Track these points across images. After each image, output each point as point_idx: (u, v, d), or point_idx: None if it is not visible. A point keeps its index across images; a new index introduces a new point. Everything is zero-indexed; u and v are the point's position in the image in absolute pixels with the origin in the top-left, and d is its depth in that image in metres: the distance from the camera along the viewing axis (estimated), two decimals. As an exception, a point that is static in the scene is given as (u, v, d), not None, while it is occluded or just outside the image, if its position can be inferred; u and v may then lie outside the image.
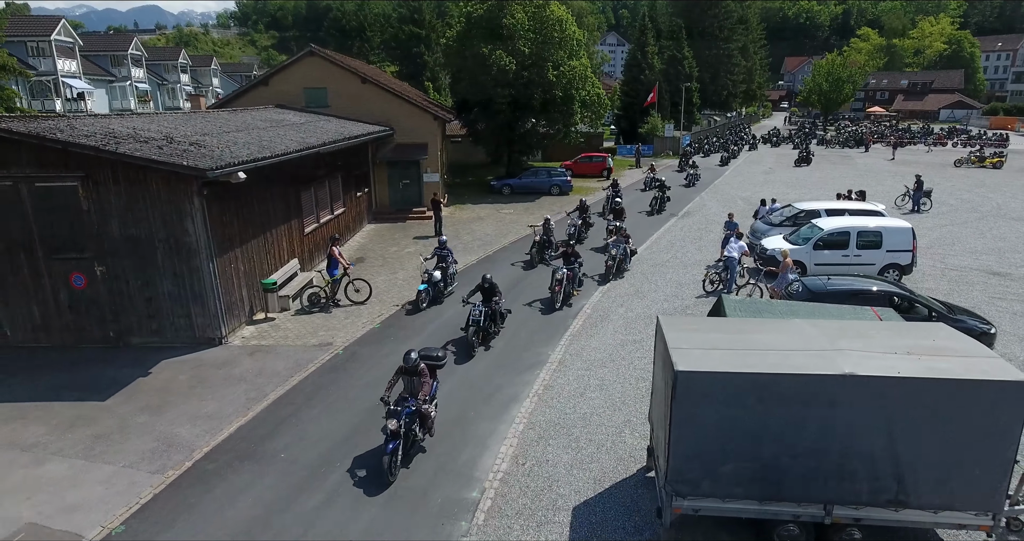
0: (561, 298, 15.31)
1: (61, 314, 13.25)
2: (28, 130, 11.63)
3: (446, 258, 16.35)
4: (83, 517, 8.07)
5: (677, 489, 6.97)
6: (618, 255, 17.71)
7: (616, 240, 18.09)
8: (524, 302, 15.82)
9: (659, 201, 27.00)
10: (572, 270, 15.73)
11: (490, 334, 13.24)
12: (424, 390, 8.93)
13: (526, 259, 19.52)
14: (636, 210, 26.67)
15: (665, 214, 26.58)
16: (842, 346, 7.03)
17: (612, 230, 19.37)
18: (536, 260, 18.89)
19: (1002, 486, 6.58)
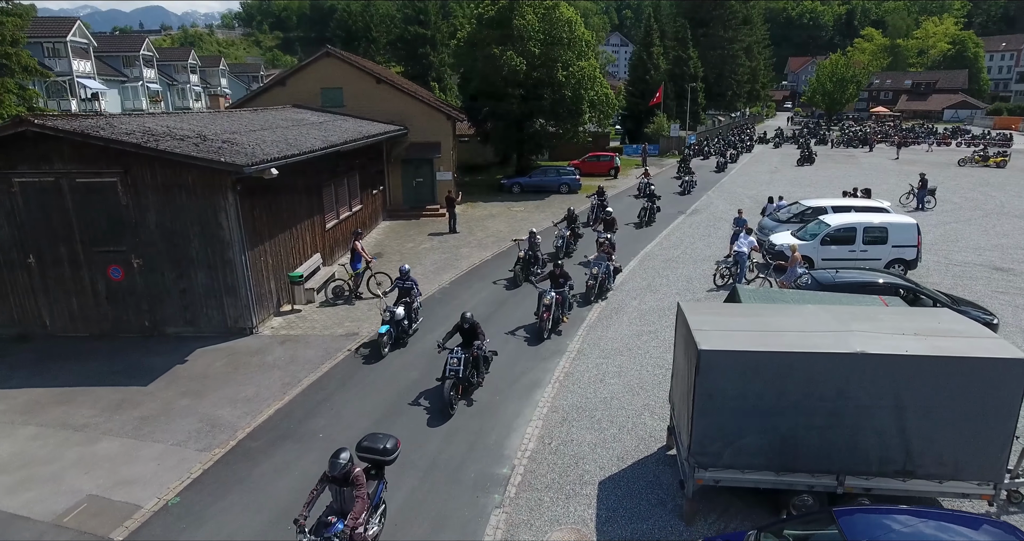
0: (550, 326, 13.56)
1: (99, 304, 13.82)
2: (72, 128, 12.19)
3: (410, 291, 13.59)
4: (139, 490, 8.62)
5: (699, 461, 7.48)
6: (600, 274, 15.79)
7: (598, 257, 16.32)
8: (507, 330, 14.08)
9: (648, 212, 24.68)
10: (561, 294, 13.97)
11: (472, 385, 10.97)
12: (358, 507, 6.50)
13: (509, 277, 17.68)
14: (623, 221, 24.01)
15: (655, 226, 24.32)
16: (853, 327, 7.54)
17: (601, 243, 17.64)
18: (521, 278, 17.03)
19: (1003, 457, 7.08)
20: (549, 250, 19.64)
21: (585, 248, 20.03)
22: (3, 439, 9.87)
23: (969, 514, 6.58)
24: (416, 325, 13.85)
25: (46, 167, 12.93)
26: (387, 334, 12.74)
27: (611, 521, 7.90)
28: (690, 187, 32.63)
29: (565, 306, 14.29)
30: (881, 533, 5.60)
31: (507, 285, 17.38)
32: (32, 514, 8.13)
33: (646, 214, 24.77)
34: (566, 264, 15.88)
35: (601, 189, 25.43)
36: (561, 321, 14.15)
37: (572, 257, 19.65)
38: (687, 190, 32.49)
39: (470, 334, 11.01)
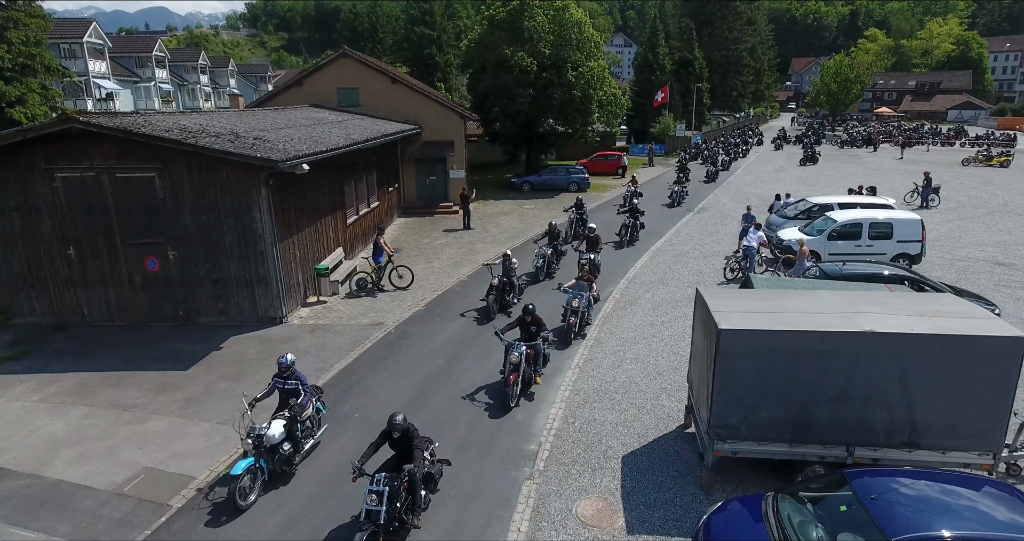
0: (518, 391, 10.59)
1: (135, 295, 14.43)
2: (116, 125, 12.80)
3: (296, 392, 8.99)
4: (191, 463, 9.22)
5: (718, 433, 8.04)
6: (581, 307, 13.19)
7: (577, 285, 13.73)
8: (465, 393, 11.03)
9: (630, 230, 21.67)
10: (534, 347, 10.97)
11: (402, 527, 7.47)
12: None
13: (480, 307, 15.32)
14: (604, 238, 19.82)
15: (638, 247, 21.42)
16: (862, 309, 8.10)
17: (582, 265, 16.00)
18: (494, 310, 14.63)
19: (1001, 429, 7.62)
20: (528, 269, 17.73)
21: (569, 267, 17.76)
22: (58, 417, 10.47)
23: (971, 475, 7.10)
24: (315, 438, 9.33)
25: (87, 163, 13.55)
26: (250, 472, 8.07)
27: (635, 490, 8.46)
28: (680, 198, 29.07)
29: (538, 362, 11.17)
30: (890, 491, 6.15)
31: (477, 318, 14.77)
32: (94, 484, 8.72)
33: (627, 233, 21.56)
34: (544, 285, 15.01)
35: (580, 201, 22.69)
36: (534, 381, 11.15)
37: (554, 277, 17.56)
38: (676, 201, 28.87)
39: (406, 446, 7.53)
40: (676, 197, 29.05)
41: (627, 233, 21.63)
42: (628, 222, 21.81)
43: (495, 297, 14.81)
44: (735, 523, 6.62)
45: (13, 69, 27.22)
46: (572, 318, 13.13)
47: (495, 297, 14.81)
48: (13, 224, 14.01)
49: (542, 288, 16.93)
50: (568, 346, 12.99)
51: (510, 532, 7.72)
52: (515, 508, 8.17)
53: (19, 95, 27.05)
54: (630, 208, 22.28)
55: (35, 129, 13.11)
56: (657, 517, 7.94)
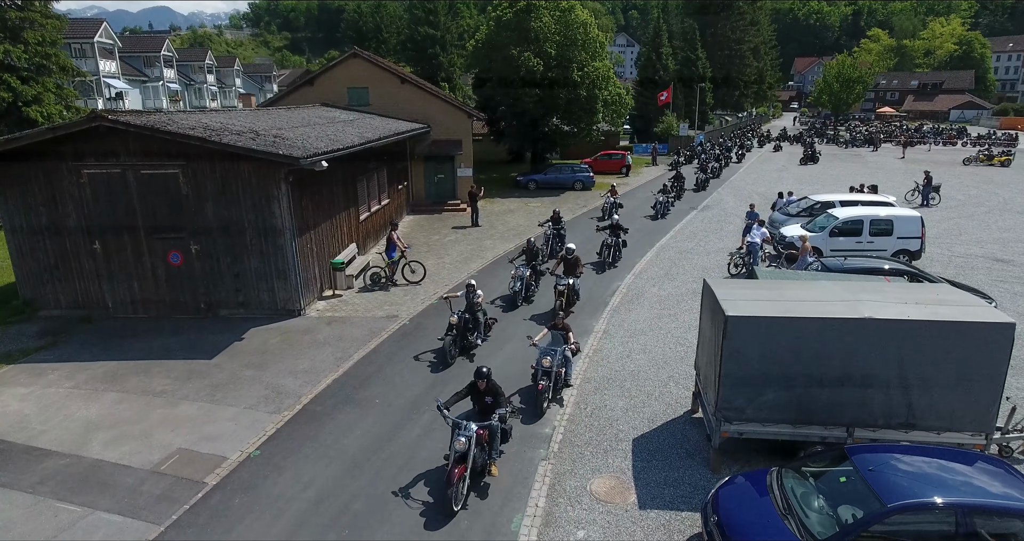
0: (463, 490, 8.01)
1: (158, 288, 14.90)
2: (142, 123, 13.27)
3: None
4: (222, 444, 9.68)
5: (725, 415, 8.49)
6: (554, 367, 10.40)
7: (552, 337, 11.05)
8: (398, 485, 8.50)
9: (612, 250, 18.91)
10: (488, 428, 8.42)
11: None
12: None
13: (437, 347, 12.73)
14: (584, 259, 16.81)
15: (620, 268, 18.75)
16: (862, 297, 8.54)
17: (560, 294, 14.25)
18: (452, 354, 12.14)
19: (992, 410, 8.05)
20: (504, 293, 15.92)
21: (549, 292, 15.63)
22: (92, 403, 10.95)
23: (963, 450, 7.52)
24: None
25: (113, 160, 14.01)
26: None
27: (646, 470, 8.92)
28: (665, 209, 26.34)
29: (494, 445, 8.57)
30: (887, 464, 6.60)
31: (432, 364, 12.21)
32: (132, 463, 9.19)
33: (609, 253, 18.89)
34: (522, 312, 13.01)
35: (557, 214, 20.47)
36: (488, 471, 8.57)
37: (533, 301, 15.76)
38: (662, 212, 26.18)
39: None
40: (660, 208, 26.24)
41: (609, 253, 18.96)
42: (610, 241, 19.01)
43: (454, 338, 12.13)
44: (742, 496, 7.07)
45: (29, 69, 27.69)
46: (543, 381, 10.31)
47: (454, 338, 12.13)
48: (40, 219, 14.48)
49: (517, 319, 14.63)
50: (540, 417, 10.14)
51: (528, 507, 8.18)
52: (532, 486, 8.62)
53: (35, 94, 27.48)
54: (611, 225, 19.45)
55: (64, 127, 13.58)
56: (667, 494, 8.39)
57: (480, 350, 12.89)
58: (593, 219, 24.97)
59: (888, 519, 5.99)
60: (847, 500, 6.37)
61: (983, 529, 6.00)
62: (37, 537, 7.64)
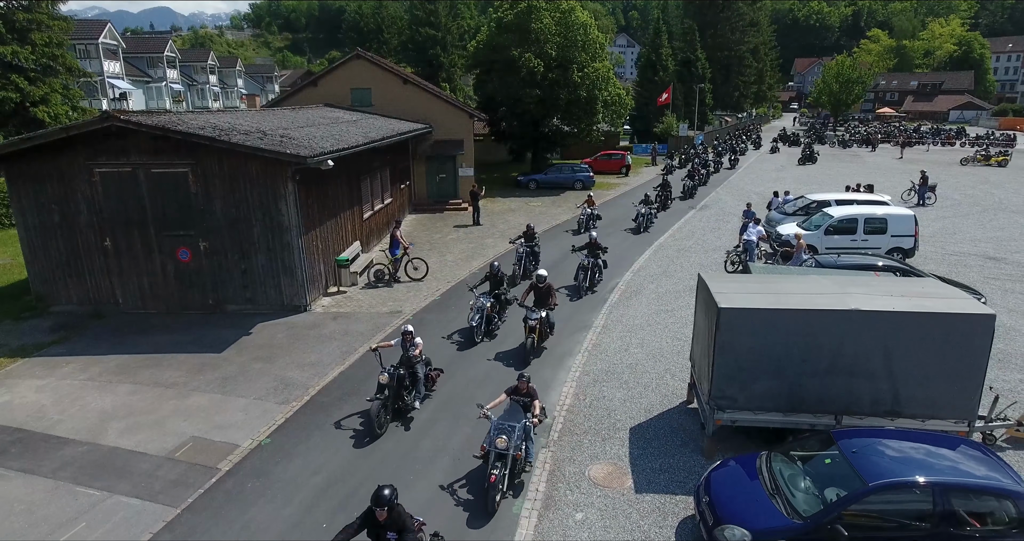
0: None
1: (168, 284, 15.24)
2: (154, 123, 13.63)
3: None
4: (234, 433, 10.03)
5: (719, 404, 8.83)
6: (511, 450, 8.10)
7: (510, 406, 8.76)
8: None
9: (588, 273, 16.58)
10: None
11: None
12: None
13: (367, 407, 10.28)
14: (558, 282, 16.47)
15: (600, 293, 16.69)
16: (850, 290, 8.88)
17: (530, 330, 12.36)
18: (380, 423, 9.72)
19: (975, 399, 8.39)
20: (461, 326, 13.82)
21: (516, 322, 13.56)
22: (106, 394, 11.30)
23: (944, 434, 7.84)
24: None
25: (124, 159, 14.36)
26: None
27: (642, 457, 9.26)
28: (648, 222, 24.10)
29: None
30: (870, 447, 6.94)
31: (356, 434, 9.83)
32: (147, 450, 9.54)
33: (585, 277, 16.54)
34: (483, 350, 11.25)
35: (530, 230, 18.14)
36: None
37: (496, 336, 13.67)
38: (644, 225, 23.89)
39: None
40: (642, 221, 23.83)
41: (586, 277, 16.56)
42: (587, 263, 16.61)
43: (384, 402, 9.77)
44: (732, 478, 7.42)
45: (36, 70, 28.12)
46: (495, 470, 7.97)
47: (384, 402, 9.77)
48: (53, 217, 14.83)
49: (475, 360, 12.47)
50: (490, 518, 7.90)
51: (529, 492, 8.52)
52: (533, 472, 8.96)
53: (42, 95, 27.93)
54: (588, 244, 17.06)
55: (77, 127, 13.94)
56: (663, 479, 8.74)
57: (421, 414, 10.45)
58: (569, 232, 23.26)
59: (869, 497, 6.34)
60: (832, 480, 6.72)
61: (960, 507, 6.34)
62: (60, 518, 7.99)
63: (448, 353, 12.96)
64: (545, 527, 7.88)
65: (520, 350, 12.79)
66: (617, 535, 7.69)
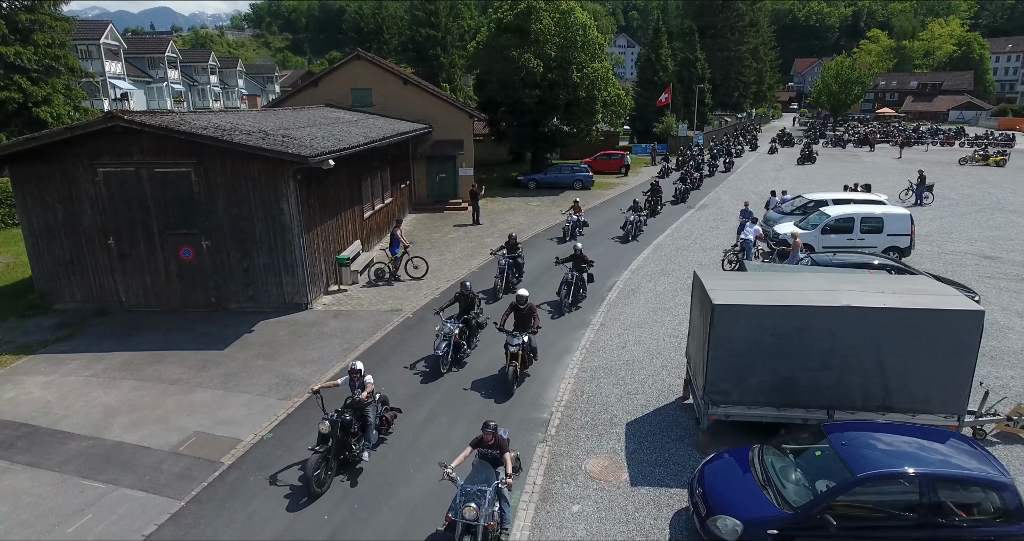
0: None
1: (170, 282, 15.40)
2: (157, 123, 13.79)
3: None
4: (236, 428, 10.19)
5: (713, 399, 8.99)
6: (481, 519, 6.94)
7: (477, 464, 7.76)
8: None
9: (572, 288, 15.29)
10: None
11: None
12: None
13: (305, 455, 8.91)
14: (542, 297, 15.69)
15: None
16: (842, 287, 9.04)
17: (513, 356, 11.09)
18: (316, 483, 8.34)
19: (964, 393, 8.54)
20: (426, 353, 12.49)
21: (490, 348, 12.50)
22: (110, 390, 11.46)
23: (932, 427, 7.98)
24: None
25: (127, 158, 14.52)
26: None
27: (638, 451, 9.42)
28: (637, 230, 22.66)
29: None
30: (859, 439, 7.09)
31: (290, 494, 8.49)
32: (152, 445, 9.71)
33: (568, 292, 15.26)
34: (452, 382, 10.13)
35: (513, 239, 16.74)
36: None
37: (465, 365, 12.23)
38: (633, 233, 22.45)
39: None
40: (631, 229, 22.44)
41: (569, 293, 15.27)
42: (570, 277, 15.36)
43: (324, 456, 8.47)
44: (725, 470, 7.57)
45: (39, 70, 28.25)
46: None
47: (324, 456, 8.47)
48: (57, 216, 15.00)
49: (440, 394, 11.15)
50: None
51: (527, 485, 8.68)
52: (530, 466, 9.13)
53: (45, 95, 28.06)
54: (573, 256, 15.68)
55: (81, 127, 14.11)
56: (658, 472, 8.90)
57: (372, 466, 8.91)
58: (553, 240, 22.05)
59: (858, 488, 6.50)
60: (822, 472, 6.88)
61: (946, 498, 6.50)
62: (66, 510, 8.15)
63: (410, 387, 11.36)
64: (542, 519, 8.04)
65: (500, 378, 11.36)
66: (613, 527, 7.84)
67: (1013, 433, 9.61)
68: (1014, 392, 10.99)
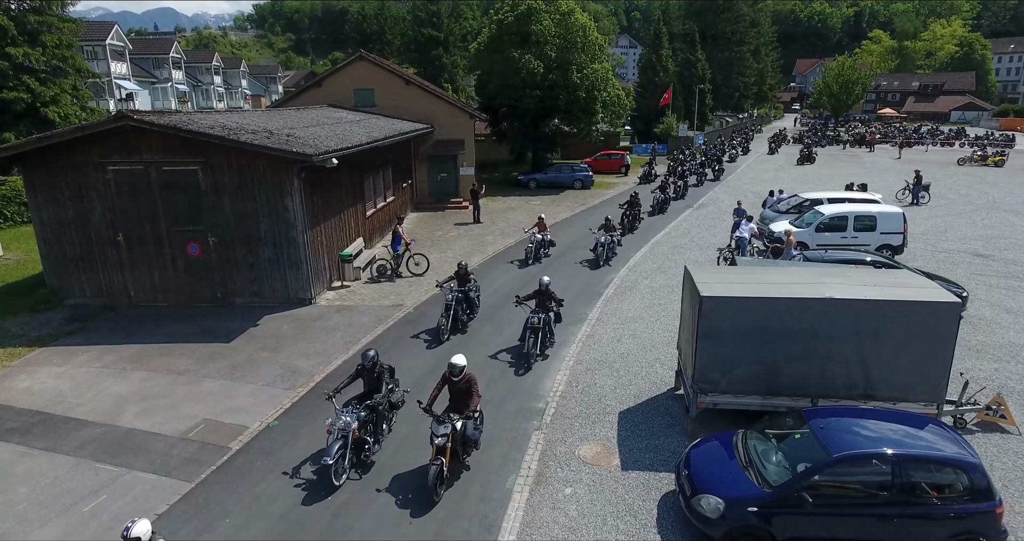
0: None
1: (178, 277, 15.80)
2: (165, 123, 14.19)
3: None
4: (243, 415, 10.58)
5: (701, 387, 9.34)
6: None
7: None
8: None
9: (537, 336, 12.35)
10: None
11: None
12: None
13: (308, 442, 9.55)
14: (501, 343, 13.29)
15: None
16: (825, 281, 9.39)
17: (439, 450, 8.29)
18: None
19: (942, 382, 8.88)
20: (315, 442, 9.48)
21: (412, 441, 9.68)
22: (121, 380, 11.86)
23: (907, 412, 8.31)
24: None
25: (136, 157, 14.93)
26: None
27: (630, 438, 9.78)
28: (609, 252, 19.64)
29: None
30: (837, 423, 7.45)
31: None
32: (162, 431, 10.10)
33: (534, 339, 12.29)
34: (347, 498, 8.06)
35: (463, 270, 13.91)
36: None
37: (370, 472, 9.01)
38: (604, 257, 19.40)
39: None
40: (602, 252, 19.23)
41: (534, 340, 12.23)
42: (537, 321, 12.22)
43: None
44: (710, 453, 7.93)
45: (47, 71, 28.74)
46: None
47: None
48: (67, 213, 15.40)
49: (326, 526, 7.96)
50: None
51: (522, 469, 9.05)
52: (526, 451, 9.50)
53: (53, 95, 28.54)
54: (538, 292, 12.50)
55: (92, 126, 14.52)
56: (647, 458, 9.26)
57: None
58: (514, 264, 18.70)
59: (833, 468, 6.85)
60: (801, 454, 7.23)
61: (917, 477, 6.85)
62: (82, 491, 8.54)
63: (287, 506, 8.26)
64: (536, 500, 8.40)
65: (419, 480, 8.55)
66: (603, 507, 8.21)
67: (993, 421, 9.95)
68: (996, 383, 11.33)
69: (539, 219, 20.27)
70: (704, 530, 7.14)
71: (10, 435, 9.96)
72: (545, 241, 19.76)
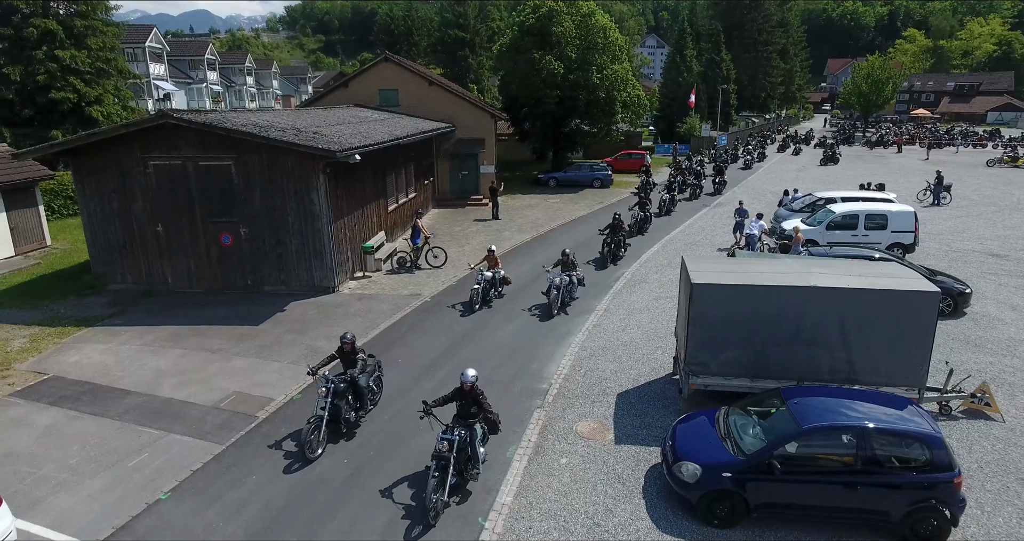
0: None
1: (211, 266, 16.89)
2: (202, 121, 15.26)
3: None
4: (270, 389, 11.51)
5: (693, 370, 9.94)
6: None
7: None
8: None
9: (451, 488, 8.07)
10: None
11: None
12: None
13: None
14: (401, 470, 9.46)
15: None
16: (813, 270, 9.91)
17: None
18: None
19: (923, 368, 9.33)
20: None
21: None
22: (160, 356, 12.91)
23: (878, 392, 8.79)
24: None
25: (175, 152, 16.04)
26: None
27: (625, 417, 10.43)
28: (615, 254, 19.37)
29: None
30: (810, 399, 8.00)
31: None
32: (197, 401, 11.07)
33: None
34: None
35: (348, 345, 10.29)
36: None
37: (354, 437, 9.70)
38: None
39: None
40: (557, 296, 15.17)
41: (440, 489, 7.97)
42: (452, 436, 8.13)
43: None
44: (694, 426, 8.54)
45: (92, 72, 30.35)
46: None
47: None
48: (112, 205, 16.60)
49: None
50: None
51: (522, 441, 9.76)
52: (527, 426, 10.21)
53: (97, 95, 30.13)
54: (459, 391, 8.68)
55: (136, 124, 15.68)
56: (640, 434, 9.89)
57: None
58: (456, 308, 15.51)
59: (802, 439, 7.42)
60: (775, 427, 7.81)
61: (880, 449, 7.37)
62: (127, 450, 9.53)
63: None
64: (533, 468, 9.11)
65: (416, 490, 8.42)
66: (594, 476, 8.88)
67: (978, 409, 10.33)
68: (990, 375, 11.65)
69: (488, 252, 16.41)
70: (683, 494, 7.77)
71: (63, 401, 11.03)
72: (497, 279, 16.10)
